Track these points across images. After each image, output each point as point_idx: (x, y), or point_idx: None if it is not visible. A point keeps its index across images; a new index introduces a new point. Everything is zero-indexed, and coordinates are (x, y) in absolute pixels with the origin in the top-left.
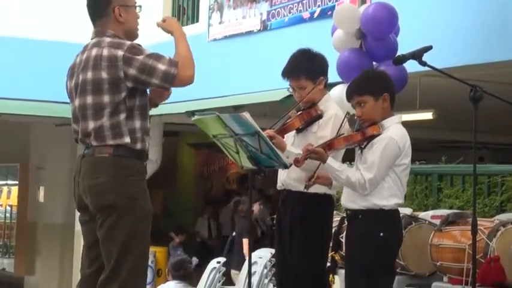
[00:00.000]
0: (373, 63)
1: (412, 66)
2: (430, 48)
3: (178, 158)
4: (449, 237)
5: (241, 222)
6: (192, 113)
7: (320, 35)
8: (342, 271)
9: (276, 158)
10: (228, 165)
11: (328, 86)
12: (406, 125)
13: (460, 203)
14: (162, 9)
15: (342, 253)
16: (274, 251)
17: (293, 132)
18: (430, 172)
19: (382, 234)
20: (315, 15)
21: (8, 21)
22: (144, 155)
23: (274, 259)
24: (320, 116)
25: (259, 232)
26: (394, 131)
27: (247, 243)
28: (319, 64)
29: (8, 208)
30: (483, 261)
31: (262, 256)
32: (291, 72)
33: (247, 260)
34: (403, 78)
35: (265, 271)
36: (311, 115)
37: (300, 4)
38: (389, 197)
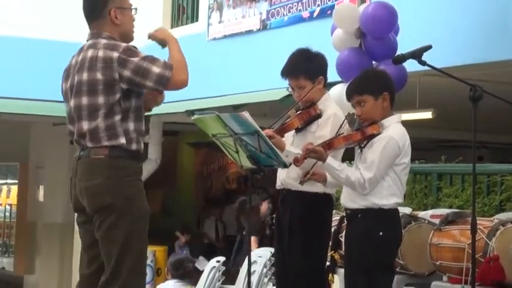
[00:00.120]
0: (373, 63)
1: (411, 66)
2: (429, 47)
3: (178, 157)
4: (448, 237)
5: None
6: (191, 112)
7: (319, 34)
8: (341, 270)
9: (276, 157)
10: (227, 165)
11: (327, 86)
12: (406, 124)
13: (459, 202)
14: (161, 9)
15: (342, 252)
16: (273, 250)
17: (292, 131)
18: (430, 171)
19: (381, 233)
20: (315, 15)
21: (8, 21)
22: (139, 155)
23: (273, 258)
24: (319, 116)
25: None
26: (393, 130)
27: (254, 241)
28: (318, 64)
29: (8, 207)
30: (482, 260)
31: (262, 255)
32: (290, 71)
33: (246, 259)
34: (403, 77)
35: (265, 270)
36: (310, 114)
37: (300, 3)
38: (388, 196)
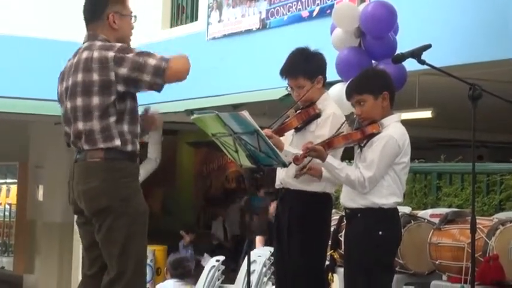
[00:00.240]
0: (372, 62)
1: (411, 65)
2: (429, 46)
3: (178, 157)
4: (448, 236)
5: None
6: (191, 111)
7: (319, 33)
8: (340, 270)
9: (275, 157)
10: (227, 164)
11: (327, 85)
12: (405, 123)
13: (459, 202)
14: (161, 8)
15: (341, 252)
16: (273, 249)
17: (291, 131)
18: (429, 171)
19: (381, 232)
20: (314, 14)
21: (8, 20)
22: (135, 156)
23: (273, 257)
24: (318, 115)
25: None
26: (393, 130)
27: (260, 241)
28: (317, 63)
29: (7, 207)
30: (482, 259)
31: (261, 254)
32: (289, 71)
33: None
34: (402, 76)
35: (264, 269)
36: (309, 114)
37: (299, 3)
38: (388, 195)
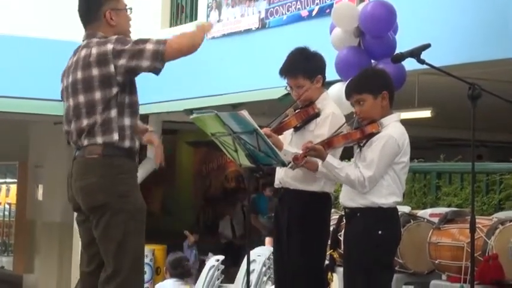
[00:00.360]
0: (372, 61)
1: (410, 64)
2: (428, 46)
3: (177, 156)
4: (447, 235)
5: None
6: (190, 111)
7: (318, 33)
8: (340, 269)
9: (274, 156)
10: (226, 164)
11: (326, 84)
12: (405, 123)
13: (458, 201)
14: (160, 7)
15: (341, 251)
16: (272, 249)
17: (291, 130)
18: (429, 170)
19: (380, 232)
20: (313, 14)
21: (8, 20)
22: (133, 153)
23: (272, 257)
24: (317, 115)
25: None
26: (393, 129)
27: (269, 242)
28: (317, 63)
29: (7, 206)
30: (481, 259)
31: (261, 254)
32: (288, 70)
33: (245, 258)
34: (402, 76)
35: (264, 269)
36: (308, 113)
37: (298, 2)
38: (388, 195)
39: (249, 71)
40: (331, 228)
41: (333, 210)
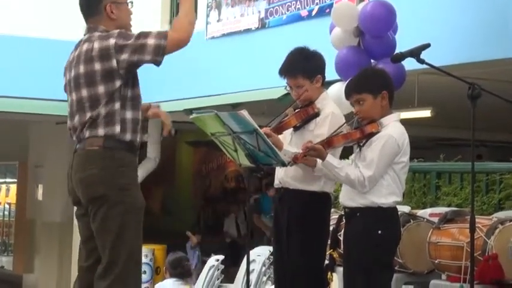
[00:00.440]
0: (371, 61)
1: (410, 64)
2: (428, 46)
3: (177, 156)
4: (447, 235)
5: None
6: (190, 111)
7: (318, 33)
8: (340, 269)
9: (274, 156)
10: (226, 163)
11: (326, 84)
12: (405, 122)
13: (458, 201)
14: (160, 7)
15: (340, 251)
16: (272, 248)
17: (290, 130)
18: (428, 170)
19: (380, 232)
20: (313, 13)
21: (8, 20)
22: (134, 146)
23: (272, 257)
24: (317, 114)
25: None
26: (392, 129)
27: None
28: (316, 62)
29: (7, 206)
30: (481, 259)
31: (261, 254)
32: (287, 70)
33: (245, 258)
34: (401, 76)
35: (264, 269)
36: (308, 113)
37: (298, 2)
38: (387, 195)
39: (249, 71)
40: (331, 228)
41: (332, 210)
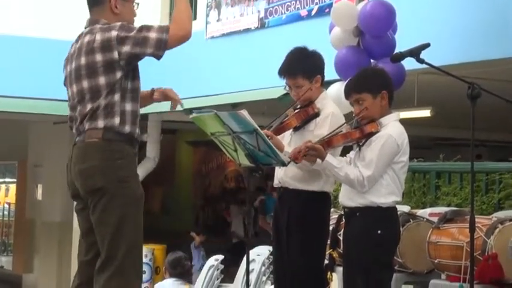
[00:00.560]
0: (371, 61)
1: (410, 64)
2: (427, 45)
3: (177, 156)
4: (447, 235)
5: None
6: (190, 110)
7: (318, 32)
8: (339, 268)
9: (274, 156)
10: (226, 163)
11: (325, 84)
12: (404, 122)
13: (457, 201)
14: (159, 7)
15: (340, 251)
16: (272, 248)
17: (290, 130)
18: (428, 170)
19: (379, 232)
20: (313, 13)
21: (7, 20)
22: (134, 139)
23: (272, 256)
24: (317, 114)
25: None
26: (392, 129)
27: None
28: (316, 62)
29: (6, 206)
30: (481, 258)
31: (260, 254)
32: (287, 70)
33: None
34: (401, 75)
35: (263, 269)
36: (308, 113)
37: (298, 2)
38: (387, 194)
39: (248, 71)
40: (331, 227)
41: (332, 209)
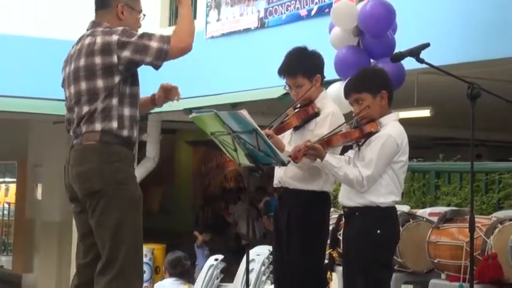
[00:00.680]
0: (371, 61)
1: (409, 64)
2: (427, 45)
3: (176, 156)
4: (446, 235)
5: None
6: (189, 110)
7: (317, 32)
8: (339, 268)
9: (274, 156)
10: (225, 163)
11: (325, 84)
12: (404, 122)
13: (457, 201)
14: (159, 6)
15: (340, 250)
16: (272, 248)
17: (290, 129)
18: (428, 169)
19: (379, 231)
20: (312, 13)
21: (8, 20)
22: (131, 142)
23: (272, 256)
24: (317, 114)
25: None
26: (391, 129)
27: None
28: (315, 62)
29: (6, 205)
30: (481, 258)
31: (260, 253)
32: (287, 70)
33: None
34: (401, 75)
35: (263, 268)
36: (308, 113)
37: (297, 1)
38: (386, 194)
39: (248, 71)
40: (331, 227)
41: (332, 209)
